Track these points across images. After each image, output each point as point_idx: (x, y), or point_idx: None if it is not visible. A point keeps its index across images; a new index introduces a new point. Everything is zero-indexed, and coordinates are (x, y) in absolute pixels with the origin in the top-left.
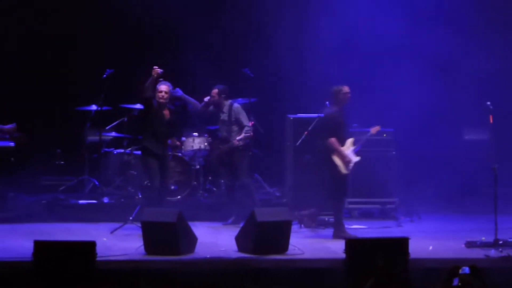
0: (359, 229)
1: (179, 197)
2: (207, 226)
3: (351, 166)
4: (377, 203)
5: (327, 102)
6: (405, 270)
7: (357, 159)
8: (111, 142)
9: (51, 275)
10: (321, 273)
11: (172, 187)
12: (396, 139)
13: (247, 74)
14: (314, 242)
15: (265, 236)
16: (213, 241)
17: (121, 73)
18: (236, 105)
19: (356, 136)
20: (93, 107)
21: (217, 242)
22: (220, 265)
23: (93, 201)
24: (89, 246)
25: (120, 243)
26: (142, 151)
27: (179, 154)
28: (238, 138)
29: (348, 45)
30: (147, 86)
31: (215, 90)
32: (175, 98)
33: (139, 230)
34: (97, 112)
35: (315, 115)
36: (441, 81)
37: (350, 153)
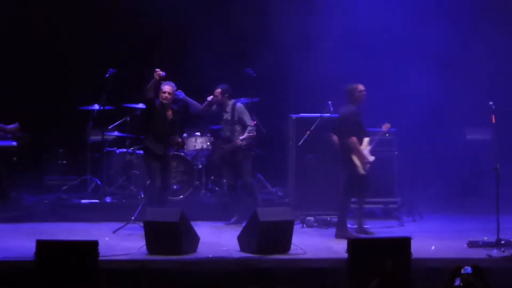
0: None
1: (181, 196)
2: (209, 226)
3: (368, 166)
4: (379, 203)
5: (329, 102)
6: (409, 270)
7: (372, 158)
8: (113, 141)
9: (53, 274)
10: (324, 273)
11: (175, 187)
12: (398, 139)
13: (250, 74)
14: (316, 242)
15: (267, 236)
16: (215, 241)
17: (124, 72)
18: (239, 105)
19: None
20: (96, 107)
21: (220, 241)
22: (222, 265)
23: (96, 200)
24: (92, 246)
25: (122, 243)
26: (143, 151)
27: (181, 153)
28: (241, 138)
29: (350, 45)
30: (148, 88)
31: (218, 90)
32: (177, 100)
33: (141, 230)
34: (99, 111)
35: (317, 114)
36: (443, 81)
37: (367, 153)
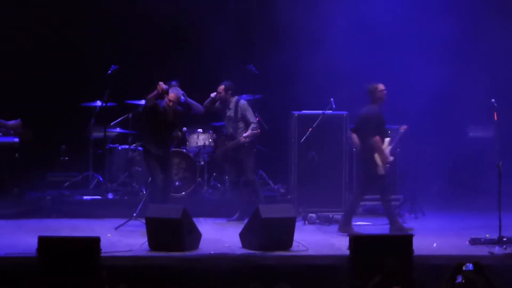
0: (364, 225)
1: (183, 193)
2: (211, 222)
3: (388, 166)
4: None
5: (331, 99)
6: (411, 267)
7: (392, 158)
8: (115, 138)
9: (55, 270)
10: (325, 270)
11: (177, 183)
12: (401, 136)
13: (252, 71)
14: (318, 238)
15: (269, 232)
16: (217, 238)
17: (126, 69)
18: (242, 102)
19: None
20: (98, 103)
21: (222, 238)
22: (224, 262)
23: (98, 197)
24: (94, 242)
25: (124, 239)
26: (143, 150)
27: (183, 150)
28: (245, 135)
29: (353, 42)
30: (150, 98)
31: (221, 86)
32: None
33: (143, 227)
34: (102, 108)
35: (319, 111)
36: (445, 79)
37: (388, 153)
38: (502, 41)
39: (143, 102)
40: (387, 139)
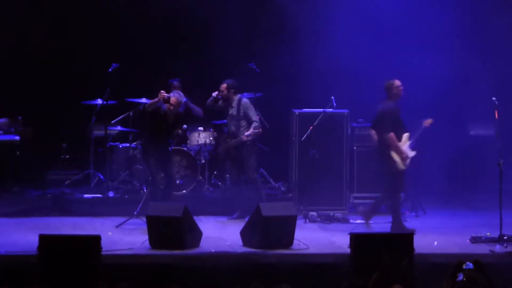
0: (364, 223)
1: (184, 191)
2: (212, 221)
3: (408, 162)
4: None
5: (332, 97)
6: (411, 265)
7: (413, 153)
8: (116, 136)
9: (56, 269)
10: (326, 268)
11: (178, 182)
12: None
13: (253, 69)
14: (319, 237)
15: (270, 230)
16: (218, 236)
17: (127, 67)
18: (245, 100)
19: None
20: (99, 101)
21: (222, 236)
22: (225, 260)
23: (99, 195)
24: (94, 240)
25: (125, 237)
26: (142, 149)
27: (184, 148)
28: (247, 134)
29: (351, 42)
30: (151, 104)
31: (223, 85)
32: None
33: (144, 225)
34: (102, 106)
35: (320, 110)
36: (447, 76)
37: (407, 149)
38: (506, 35)
39: (143, 100)
40: (405, 134)
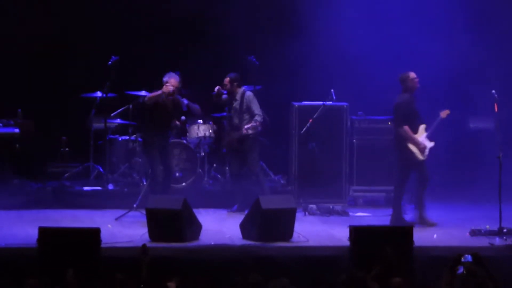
0: (364, 216)
1: (184, 184)
2: (212, 213)
3: (427, 152)
4: (382, 191)
5: (332, 90)
6: (410, 258)
7: (432, 144)
8: (116, 129)
9: (55, 261)
10: (326, 261)
11: (177, 174)
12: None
13: (253, 62)
14: (318, 229)
15: (269, 223)
16: (217, 228)
17: (127, 60)
18: (248, 93)
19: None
20: (98, 94)
21: (222, 229)
22: (224, 253)
23: (98, 188)
24: (94, 233)
25: (124, 230)
26: (142, 141)
27: (184, 141)
28: (246, 127)
29: (351, 35)
30: (151, 98)
31: (226, 79)
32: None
33: (143, 217)
34: (102, 99)
35: (320, 102)
36: (448, 71)
37: (424, 139)
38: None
39: (143, 93)
40: (422, 126)
